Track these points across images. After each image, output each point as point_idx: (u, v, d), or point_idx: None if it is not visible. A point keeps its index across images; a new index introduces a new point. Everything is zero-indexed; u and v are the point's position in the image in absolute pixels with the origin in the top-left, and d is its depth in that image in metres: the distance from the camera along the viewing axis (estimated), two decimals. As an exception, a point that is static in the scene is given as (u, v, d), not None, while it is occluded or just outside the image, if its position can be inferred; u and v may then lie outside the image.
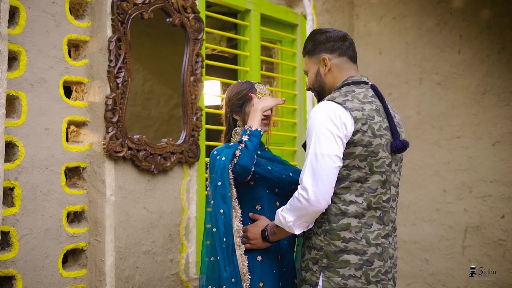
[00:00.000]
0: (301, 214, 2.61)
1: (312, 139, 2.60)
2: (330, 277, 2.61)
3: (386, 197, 2.69)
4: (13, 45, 3.08)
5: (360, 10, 5.54)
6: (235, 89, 3.12)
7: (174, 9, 3.69)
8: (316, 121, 2.62)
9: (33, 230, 3.14)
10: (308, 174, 2.58)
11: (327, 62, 2.81)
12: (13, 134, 3.08)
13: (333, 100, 2.67)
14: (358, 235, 2.61)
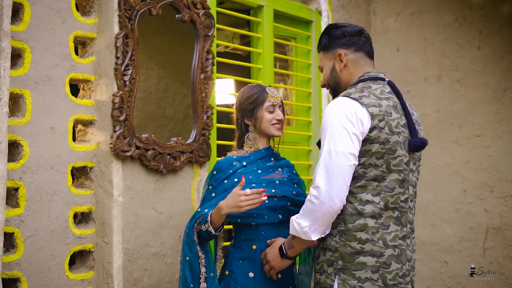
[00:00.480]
0: (315, 216, 2.51)
1: (327, 136, 2.52)
2: (346, 280, 2.52)
3: (404, 197, 2.60)
4: (17, 42, 3.01)
5: (377, 6, 5.42)
6: (246, 93, 3.08)
7: (183, 5, 3.60)
8: (331, 117, 2.54)
9: (38, 231, 3.08)
10: (321, 173, 2.50)
11: (343, 58, 2.73)
12: (18, 133, 3.01)
13: (348, 96, 2.59)
14: (375, 236, 2.52)
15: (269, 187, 2.94)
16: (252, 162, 3.03)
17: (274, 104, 3.03)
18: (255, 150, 3.07)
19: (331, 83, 2.80)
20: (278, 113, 3.04)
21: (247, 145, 3.08)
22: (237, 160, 3.04)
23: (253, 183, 2.93)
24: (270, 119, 3.02)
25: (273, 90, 3.06)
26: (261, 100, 3.02)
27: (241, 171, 2.98)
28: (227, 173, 2.97)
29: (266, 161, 3.07)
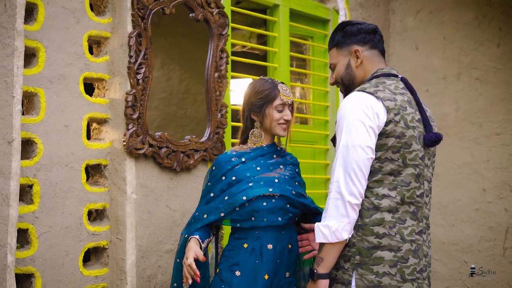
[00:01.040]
0: (341, 212, 2.47)
1: (343, 131, 2.51)
2: (364, 275, 2.50)
3: (419, 192, 2.58)
4: (31, 41, 3.06)
5: (396, 5, 5.39)
6: (257, 88, 2.96)
7: (197, 4, 3.63)
8: (347, 112, 2.53)
9: (52, 227, 3.12)
10: (339, 167, 2.48)
11: (359, 54, 2.71)
12: (32, 131, 3.06)
13: (363, 90, 2.58)
14: (392, 231, 2.50)
15: (267, 185, 2.85)
16: (252, 158, 2.94)
17: (285, 103, 2.91)
18: (257, 147, 2.97)
19: (346, 79, 2.77)
20: (287, 113, 2.92)
21: (251, 141, 2.99)
22: (236, 156, 2.95)
23: (250, 182, 2.85)
24: (278, 118, 2.91)
25: (285, 88, 2.94)
26: (272, 97, 2.90)
27: (240, 168, 2.90)
28: (225, 169, 2.89)
29: (267, 158, 2.97)
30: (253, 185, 2.83)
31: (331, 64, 2.83)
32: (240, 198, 2.79)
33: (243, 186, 2.82)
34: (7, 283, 2.82)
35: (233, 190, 2.83)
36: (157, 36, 4.01)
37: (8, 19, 2.85)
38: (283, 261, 2.84)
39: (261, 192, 2.80)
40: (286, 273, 2.86)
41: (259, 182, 2.85)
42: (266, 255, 2.81)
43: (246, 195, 2.79)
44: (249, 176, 2.87)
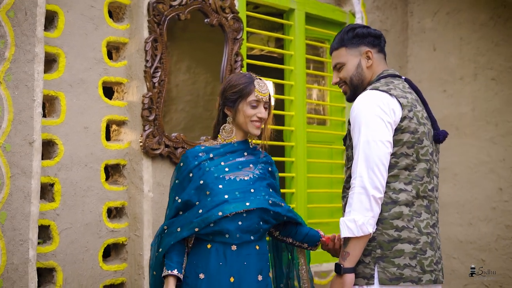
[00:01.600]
0: (366, 206, 2.51)
1: (362, 127, 2.56)
2: (386, 268, 2.55)
3: (431, 186, 2.66)
4: (52, 47, 3.22)
5: (414, 7, 5.44)
6: (232, 81, 2.80)
7: (211, 9, 3.75)
8: (364, 109, 2.58)
9: (73, 224, 3.27)
10: (361, 162, 2.53)
11: (371, 55, 2.77)
12: (53, 132, 3.21)
13: (377, 89, 2.64)
14: (410, 224, 2.56)
15: (243, 198, 2.67)
16: (220, 155, 2.77)
17: (259, 100, 2.73)
18: (227, 143, 2.80)
19: (356, 79, 2.80)
20: (261, 110, 2.74)
21: (222, 137, 2.81)
22: (204, 151, 2.77)
23: (225, 194, 2.65)
24: (250, 115, 2.73)
25: (262, 85, 2.76)
26: (246, 92, 2.73)
27: (207, 165, 2.72)
28: (192, 165, 2.72)
29: (237, 155, 2.80)
30: (229, 197, 2.65)
31: (338, 63, 2.84)
32: (216, 213, 2.60)
33: (218, 198, 2.64)
34: (29, 276, 2.98)
35: (208, 204, 2.63)
36: (182, 40, 4.14)
37: (29, 27, 3.01)
38: (251, 263, 2.66)
39: (238, 208, 2.63)
40: (258, 276, 2.68)
41: (234, 193, 2.67)
42: (230, 256, 2.64)
43: (222, 210, 2.61)
44: (216, 177, 2.70)
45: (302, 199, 4.40)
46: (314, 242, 2.90)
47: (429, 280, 2.57)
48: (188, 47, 4.15)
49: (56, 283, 3.20)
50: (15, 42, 2.96)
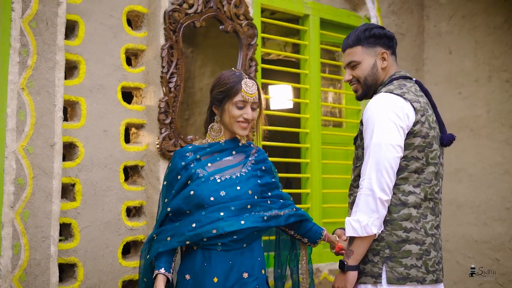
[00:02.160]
0: (371, 208, 2.57)
1: (375, 130, 2.60)
2: (394, 268, 2.61)
3: (437, 189, 2.71)
4: (72, 55, 3.38)
5: (430, 11, 5.49)
6: (221, 80, 2.71)
7: (226, 17, 3.88)
8: (378, 112, 2.62)
9: (93, 222, 3.42)
10: (371, 164, 2.58)
11: (386, 57, 2.80)
12: (74, 135, 3.37)
13: (391, 92, 2.68)
14: (418, 225, 2.62)
15: (239, 215, 2.60)
16: (207, 154, 2.71)
17: (246, 100, 2.65)
18: (215, 142, 2.74)
19: (370, 79, 2.81)
20: (248, 111, 2.66)
21: (210, 136, 2.75)
22: (192, 150, 2.73)
23: (221, 211, 2.58)
24: (236, 115, 2.66)
25: (250, 85, 2.66)
26: (233, 92, 2.64)
27: (193, 166, 2.67)
28: (179, 165, 2.68)
29: (224, 155, 2.73)
30: (224, 215, 2.58)
31: (353, 61, 2.82)
32: (210, 231, 2.54)
33: (213, 215, 2.57)
34: (50, 271, 3.14)
35: (202, 219, 2.57)
36: (206, 46, 4.29)
37: (50, 36, 3.17)
38: (236, 262, 2.59)
39: (233, 227, 2.55)
40: (243, 274, 2.60)
41: (230, 208, 2.60)
42: (215, 257, 2.58)
43: (217, 228, 2.55)
44: (204, 181, 2.63)
45: (317, 199, 4.50)
46: (314, 239, 2.89)
47: (431, 280, 2.64)
48: (212, 52, 4.28)
49: (77, 278, 3.35)
50: (37, 50, 3.12)
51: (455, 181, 5.15)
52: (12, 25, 3.04)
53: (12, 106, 3.04)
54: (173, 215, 2.66)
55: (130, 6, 3.63)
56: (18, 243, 3.03)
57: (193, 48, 4.19)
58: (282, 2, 4.39)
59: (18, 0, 3.06)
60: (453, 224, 5.12)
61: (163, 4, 3.63)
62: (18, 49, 3.06)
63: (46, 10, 3.16)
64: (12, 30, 3.04)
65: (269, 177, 2.79)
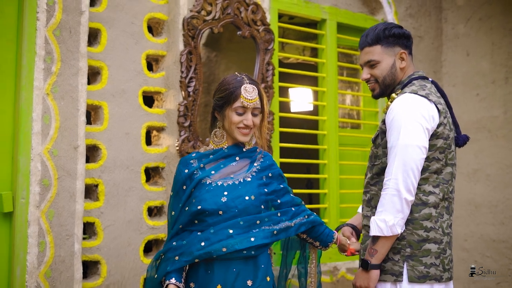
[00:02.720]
0: (397, 208, 2.59)
1: (402, 131, 2.61)
2: (415, 266, 2.64)
3: (451, 188, 2.74)
4: (96, 61, 3.50)
5: (448, 13, 5.52)
6: (221, 85, 2.64)
7: (243, 22, 3.97)
8: (404, 113, 2.63)
9: (116, 221, 3.53)
10: (398, 165, 2.59)
11: (405, 57, 2.80)
12: (97, 138, 3.49)
13: (416, 93, 2.68)
14: (437, 225, 2.66)
15: (247, 232, 2.52)
16: (211, 162, 2.63)
17: (246, 106, 2.56)
18: (218, 148, 2.66)
19: (389, 79, 2.81)
20: (248, 117, 2.58)
21: (213, 142, 2.67)
22: (196, 158, 2.66)
23: (230, 228, 2.50)
24: (236, 122, 2.58)
25: (249, 90, 2.57)
26: (233, 98, 2.56)
27: (198, 176, 2.59)
28: (184, 175, 2.61)
29: (228, 161, 2.64)
30: (234, 232, 2.49)
31: (372, 60, 2.80)
32: (220, 249, 2.46)
33: (222, 232, 2.49)
34: (74, 267, 3.26)
35: (211, 237, 2.48)
36: (229, 50, 4.38)
37: (73, 44, 3.30)
38: (240, 269, 2.50)
39: (243, 245, 2.47)
40: (248, 282, 2.51)
41: (238, 223, 2.51)
42: (218, 264, 2.50)
43: (227, 247, 2.46)
44: (209, 191, 2.55)
45: (335, 199, 4.57)
46: (326, 243, 2.81)
47: (447, 278, 2.68)
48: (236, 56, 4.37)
49: (101, 275, 3.47)
50: (61, 57, 3.25)
51: (473, 181, 5.16)
52: (37, 34, 3.18)
53: (38, 111, 3.17)
54: (182, 228, 2.58)
55: (151, 14, 3.75)
56: (44, 241, 3.16)
57: (217, 52, 4.27)
58: (300, 8, 4.46)
59: (42, 10, 3.19)
60: (471, 224, 5.14)
61: (182, 12, 3.74)
62: (43, 57, 3.19)
63: (69, 19, 3.29)
64: (37, 38, 3.18)
65: (277, 183, 2.69)
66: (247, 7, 3.98)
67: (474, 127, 5.15)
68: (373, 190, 2.76)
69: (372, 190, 2.76)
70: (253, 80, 2.63)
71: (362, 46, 2.83)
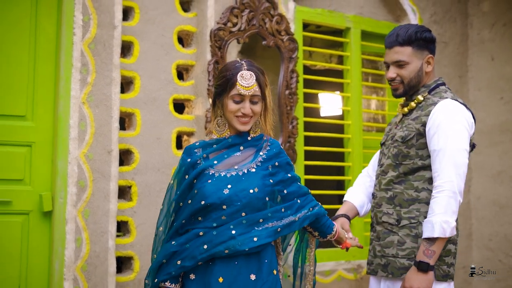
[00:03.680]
0: (453, 210, 2.62)
1: (452, 135, 2.65)
2: (440, 266, 2.70)
3: None
4: (129, 72, 3.71)
5: (473, 19, 5.56)
6: (221, 71, 2.49)
7: (268, 33, 4.12)
8: (453, 119, 2.68)
9: (147, 220, 3.73)
10: (451, 168, 2.62)
11: (431, 61, 2.82)
12: (130, 143, 3.70)
13: (456, 99, 2.75)
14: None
15: (250, 231, 2.36)
16: (214, 151, 2.47)
17: (243, 94, 2.38)
18: (222, 137, 2.48)
19: (415, 81, 2.81)
20: (246, 105, 2.39)
21: (216, 131, 2.49)
22: (200, 146, 2.51)
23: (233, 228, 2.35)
24: (234, 110, 2.41)
25: (246, 77, 2.39)
26: (229, 85, 2.40)
27: (201, 166, 2.43)
28: (187, 163, 2.45)
29: (232, 151, 2.47)
30: (236, 232, 2.34)
31: (402, 61, 2.79)
32: (222, 250, 2.33)
33: (224, 233, 2.34)
34: (108, 262, 3.48)
35: (214, 238, 2.34)
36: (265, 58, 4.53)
37: (107, 56, 3.52)
38: (242, 263, 2.36)
39: (246, 246, 2.34)
40: (251, 276, 2.36)
41: (241, 222, 2.37)
42: (218, 258, 2.36)
43: (229, 248, 2.33)
44: (212, 183, 2.39)
45: (359, 200, 4.68)
46: (325, 234, 2.62)
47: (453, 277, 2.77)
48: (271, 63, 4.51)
49: (134, 270, 3.67)
50: (95, 69, 3.48)
51: (498, 183, 5.20)
52: (73, 48, 3.41)
53: (74, 118, 3.40)
54: (184, 225, 2.42)
55: (181, 26, 3.94)
56: (80, 237, 3.38)
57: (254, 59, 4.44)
58: (324, 17, 4.59)
59: (78, 26, 3.42)
60: (496, 224, 5.17)
61: (210, 24, 3.92)
62: (79, 68, 3.42)
63: (103, 33, 3.51)
64: (74, 51, 3.41)
65: (284, 173, 2.50)
66: (272, 18, 4.14)
67: (498, 129, 5.19)
68: (397, 188, 2.78)
69: (396, 189, 2.79)
70: (253, 66, 2.45)
71: (391, 44, 2.82)
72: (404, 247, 2.73)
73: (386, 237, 2.78)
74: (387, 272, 2.76)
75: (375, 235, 2.86)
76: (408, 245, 2.72)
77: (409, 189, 2.76)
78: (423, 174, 2.75)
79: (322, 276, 4.37)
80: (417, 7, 5.12)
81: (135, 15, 3.75)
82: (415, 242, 2.71)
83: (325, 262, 4.37)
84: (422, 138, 2.73)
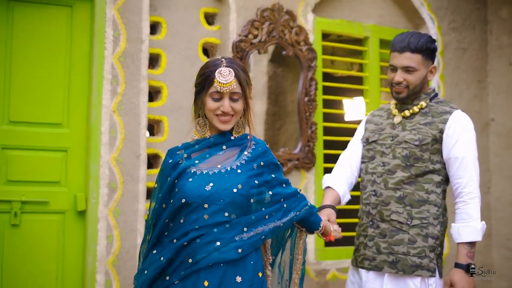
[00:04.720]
0: (479, 213, 2.77)
1: (472, 144, 2.83)
2: (441, 263, 2.84)
3: None
4: (156, 82, 3.93)
5: (493, 26, 5.62)
6: (200, 69, 2.36)
7: (287, 43, 4.29)
8: (471, 128, 2.86)
9: (174, 219, 3.94)
10: (474, 175, 2.79)
11: (434, 71, 2.90)
12: (158, 148, 3.91)
13: (462, 110, 2.92)
14: None
15: (236, 243, 2.22)
16: (196, 151, 2.34)
17: (221, 91, 2.25)
18: (203, 138, 2.36)
19: (418, 88, 2.89)
20: (225, 103, 2.26)
21: (197, 132, 2.38)
22: (183, 148, 2.39)
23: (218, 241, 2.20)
24: (213, 108, 2.28)
25: (225, 74, 2.24)
26: (208, 82, 2.27)
27: (182, 165, 2.29)
28: (169, 165, 2.33)
29: (214, 150, 2.33)
30: (221, 245, 2.20)
31: (412, 67, 2.83)
32: (207, 264, 2.19)
33: (209, 245, 2.20)
34: (136, 257, 3.69)
35: (198, 251, 2.19)
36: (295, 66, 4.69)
37: (135, 68, 3.75)
38: (228, 266, 2.21)
39: (230, 257, 2.20)
40: (236, 278, 2.22)
41: (225, 226, 2.22)
42: None
43: (213, 260, 2.19)
44: (191, 180, 2.25)
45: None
46: (312, 230, 2.49)
47: None
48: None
49: (162, 265, 3.89)
50: (125, 80, 3.70)
51: (513, 185, 5.26)
52: (105, 61, 3.64)
53: (106, 125, 3.63)
54: (167, 224, 2.27)
55: (205, 39, 4.13)
56: (111, 234, 3.61)
57: (283, 67, 4.56)
58: (343, 27, 4.74)
59: (109, 40, 3.66)
60: (514, 225, 5.24)
61: (232, 36, 4.11)
62: (109, 80, 3.65)
63: (132, 47, 3.74)
64: (105, 64, 3.64)
65: (269, 173, 2.33)
66: (291, 29, 4.31)
67: (515, 133, 5.25)
68: (407, 189, 2.84)
69: (407, 189, 2.84)
70: (233, 63, 2.31)
71: (403, 49, 2.83)
72: (415, 246, 2.80)
73: (395, 235, 2.84)
74: (397, 269, 2.81)
75: (377, 232, 2.89)
76: (419, 244, 2.80)
77: (420, 190, 2.83)
78: (432, 177, 2.85)
79: (341, 272, 4.49)
80: (436, 15, 5.21)
81: (162, 29, 3.97)
82: (425, 241, 2.81)
83: (344, 260, 4.49)
84: (437, 144, 2.83)
